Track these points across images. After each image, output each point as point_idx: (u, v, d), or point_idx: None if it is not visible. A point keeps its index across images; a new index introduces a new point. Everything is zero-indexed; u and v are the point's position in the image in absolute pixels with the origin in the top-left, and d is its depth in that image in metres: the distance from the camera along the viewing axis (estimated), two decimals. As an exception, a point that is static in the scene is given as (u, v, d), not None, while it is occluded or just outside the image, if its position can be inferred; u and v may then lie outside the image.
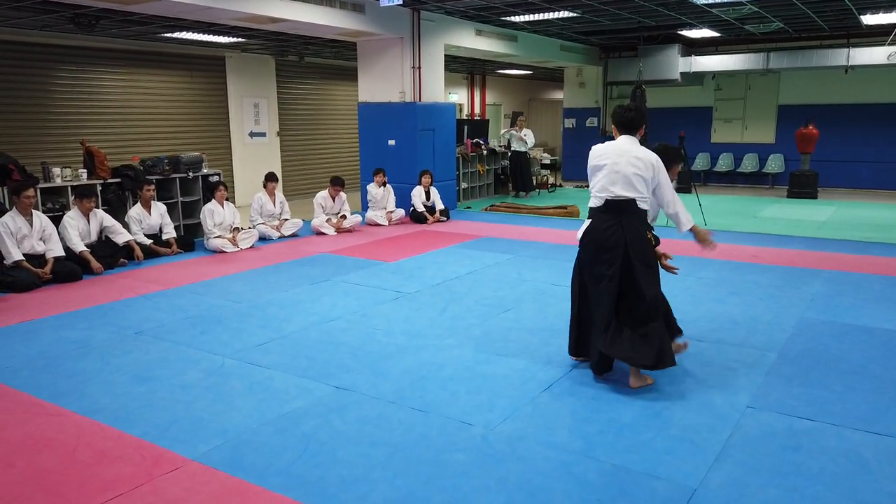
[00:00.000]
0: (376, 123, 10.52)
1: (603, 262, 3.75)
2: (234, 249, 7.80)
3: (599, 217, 3.81)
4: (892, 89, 13.36)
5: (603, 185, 3.77)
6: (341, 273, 6.68)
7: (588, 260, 3.88)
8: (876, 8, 10.26)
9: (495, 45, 11.84)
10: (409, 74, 10.16)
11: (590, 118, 16.30)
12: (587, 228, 3.88)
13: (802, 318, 5.04)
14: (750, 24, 11.85)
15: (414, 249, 7.85)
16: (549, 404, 3.60)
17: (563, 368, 4.09)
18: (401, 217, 9.84)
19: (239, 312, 5.35)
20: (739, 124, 15.26)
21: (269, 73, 12.87)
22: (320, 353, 4.42)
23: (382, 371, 4.08)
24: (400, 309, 5.42)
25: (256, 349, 4.49)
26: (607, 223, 3.75)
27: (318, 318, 5.19)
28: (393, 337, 4.72)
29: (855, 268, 6.71)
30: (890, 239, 8.32)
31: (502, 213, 10.86)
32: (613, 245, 3.71)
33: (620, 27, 12.30)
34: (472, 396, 3.70)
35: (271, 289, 6.08)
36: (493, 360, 4.27)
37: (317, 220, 8.93)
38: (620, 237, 3.71)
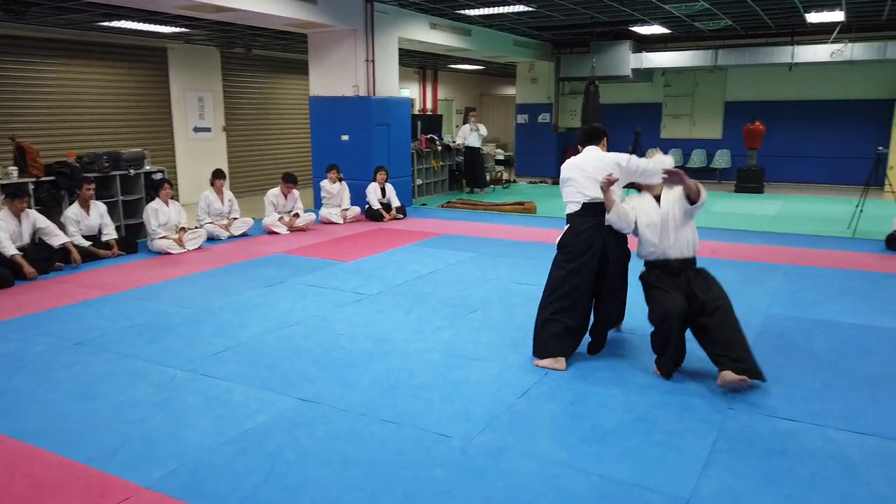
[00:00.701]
0: (329, 118, 10.19)
1: (581, 265, 3.96)
2: (181, 251, 7.39)
3: (578, 220, 4.02)
4: (834, 86, 13.78)
5: (577, 189, 4.02)
6: (297, 274, 6.38)
7: (569, 260, 4.00)
8: (820, 6, 10.51)
9: (449, 39, 11.65)
10: (362, 68, 9.87)
11: (542, 114, 16.28)
12: (568, 231, 4.05)
13: (768, 315, 5.03)
14: (700, 21, 12.00)
15: (372, 248, 7.61)
16: (528, 411, 3.44)
17: (538, 372, 3.94)
18: (356, 215, 9.55)
19: (189, 319, 5.02)
20: (688, 120, 15.51)
21: (215, 65, 12.35)
22: (281, 361, 4.15)
23: (349, 380, 3.85)
24: (362, 312, 5.18)
25: (211, 359, 4.19)
26: (587, 225, 3.98)
27: (276, 323, 4.91)
28: (357, 342, 4.49)
29: (811, 262, 6.80)
30: (839, 233, 8.51)
31: (459, 209, 10.69)
32: (592, 245, 3.95)
33: (574, 22, 12.28)
34: (446, 405, 3.51)
35: (224, 292, 5.75)
36: (465, 364, 4.08)
37: (268, 219, 8.57)
38: (599, 238, 3.96)
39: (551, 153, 16.25)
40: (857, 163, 13.72)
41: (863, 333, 4.58)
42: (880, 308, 5.17)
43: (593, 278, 3.99)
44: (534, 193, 12.85)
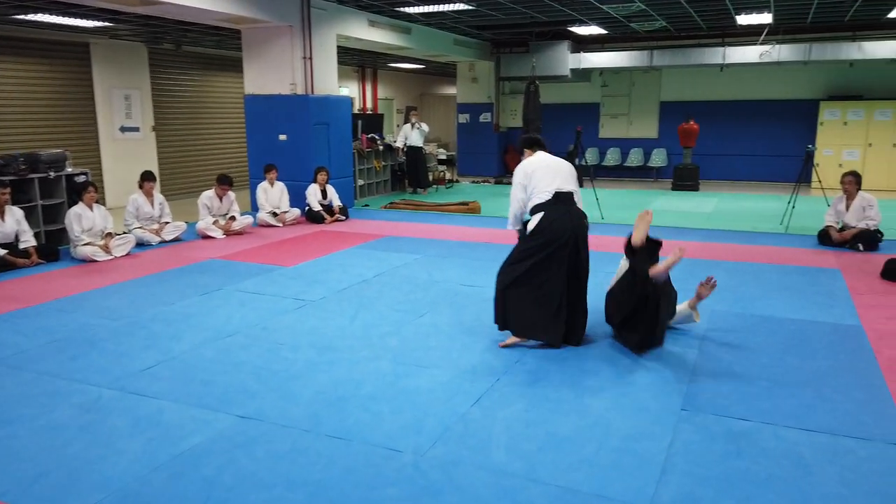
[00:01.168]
0: (265, 117, 9.85)
1: (556, 249, 4.13)
2: (108, 258, 6.96)
3: (551, 208, 4.19)
4: (763, 87, 14.26)
5: (548, 181, 4.23)
6: (234, 281, 6.09)
7: (541, 248, 4.16)
8: (750, 9, 10.82)
9: (389, 38, 11.47)
10: (300, 65, 9.57)
11: (483, 113, 16.27)
12: (542, 219, 4.18)
13: (714, 311, 5.07)
14: (636, 21, 12.19)
15: (313, 252, 7.36)
16: (481, 420, 3.32)
17: (490, 378, 3.83)
18: (296, 217, 9.26)
19: (117, 332, 4.68)
20: (625, 120, 15.79)
21: (142, 62, 11.79)
22: (218, 375, 3.90)
23: (292, 393, 3.64)
24: (305, 319, 4.95)
25: (141, 375, 3.90)
26: (559, 213, 4.18)
27: (212, 333, 4.63)
28: (300, 352, 4.27)
29: (750, 258, 6.95)
30: (773, 229, 8.76)
31: (402, 210, 10.52)
32: (566, 232, 4.14)
33: (513, 22, 12.28)
34: (396, 417, 3.35)
35: (154, 302, 5.41)
36: (415, 372, 3.93)
37: (202, 223, 8.19)
38: (569, 226, 4.16)
39: (493, 153, 16.27)
40: (787, 160, 14.26)
41: (804, 329, 4.66)
42: (818, 303, 5.29)
43: (565, 271, 4.14)
44: (477, 193, 12.80)
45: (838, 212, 7.36)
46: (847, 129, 13.28)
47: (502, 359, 4.13)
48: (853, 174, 7.21)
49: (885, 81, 13.29)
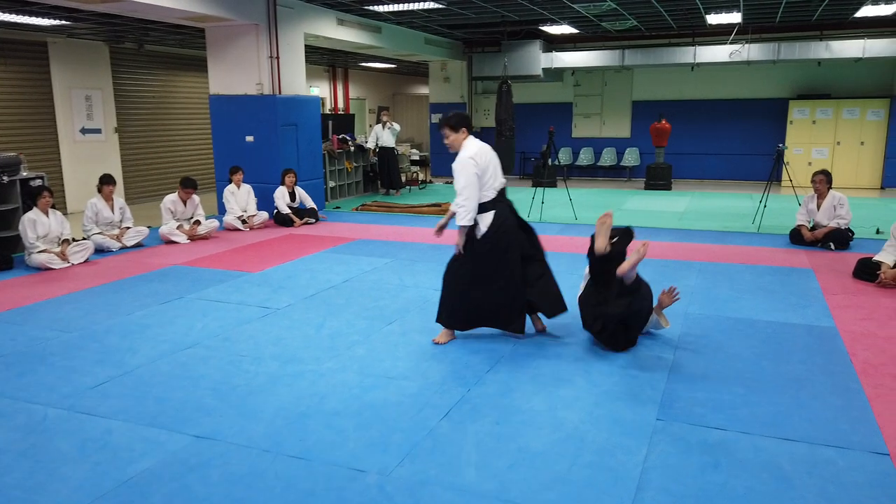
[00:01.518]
0: (231, 118, 9.59)
1: (510, 246, 4.27)
2: (64, 265, 6.68)
3: (499, 205, 4.27)
4: (734, 86, 14.34)
5: (496, 177, 4.29)
6: (197, 288, 5.86)
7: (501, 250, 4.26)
8: (719, 8, 10.84)
9: (359, 36, 11.27)
10: (266, 64, 9.33)
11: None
12: (494, 221, 4.24)
13: (688, 315, 4.99)
14: (607, 21, 12.15)
15: (281, 256, 7.15)
16: (450, 435, 3.17)
17: (461, 389, 3.69)
18: (264, 220, 9.02)
19: (69, 345, 4.45)
20: (598, 119, 15.77)
21: (103, 61, 11.43)
22: (173, 391, 3.70)
23: (252, 410, 3.46)
24: (269, 328, 4.76)
25: (91, 393, 3.68)
26: (505, 211, 4.30)
27: (170, 346, 4.42)
28: (263, 364, 4.08)
29: (722, 258, 6.91)
30: (745, 228, 8.76)
31: (374, 212, 10.34)
32: (512, 227, 4.31)
33: (484, 21, 12.16)
34: (361, 433, 3.19)
35: (111, 312, 5.18)
36: (382, 384, 3.77)
37: (166, 227, 7.93)
38: (514, 220, 4.36)
39: (466, 153, 16.10)
40: (757, 159, 14.38)
41: (779, 332, 4.60)
42: (791, 304, 5.25)
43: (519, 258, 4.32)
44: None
45: (809, 211, 7.36)
46: (816, 127, 13.41)
47: (473, 368, 3.99)
48: (824, 173, 7.21)
49: (852, 80, 13.45)
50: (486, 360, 4.12)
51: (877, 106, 12.99)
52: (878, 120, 13.01)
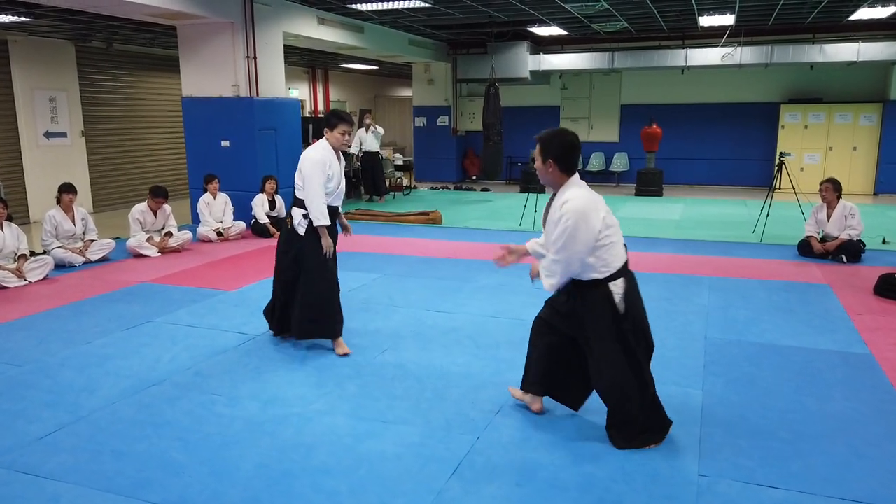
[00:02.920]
0: (206, 121, 9.02)
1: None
2: (20, 283, 6.09)
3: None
4: (724, 90, 14.06)
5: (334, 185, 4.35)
6: (167, 310, 5.32)
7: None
8: (713, 10, 10.51)
9: (340, 36, 10.76)
10: (242, 65, 8.78)
11: (441, 116, 15.68)
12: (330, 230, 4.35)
13: (708, 339, 4.57)
14: (597, 22, 11.78)
15: (259, 272, 6.61)
16: (463, 500, 2.70)
17: (469, 437, 3.21)
18: (240, 231, 8.48)
19: (15, 383, 3.90)
20: (586, 123, 15.40)
21: (68, 61, 10.78)
22: (135, 443, 3.17)
23: (226, 467, 2.95)
24: (247, 360, 4.25)
25: (37, 445, 3.15)
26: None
27: (134, 382, 3.89)
28: (240, 406, 3.57)
29: (730, 272, 6.52)
30: (746, 237, 8.40)
31: (359, 221, 9.81)
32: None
33: (471, 21, 11.72)
34: (356, 498, 2.70)
35: (67, 341, 4.62)
36: (379, 430, 3.29)
37: (134, 240, 7.35)
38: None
39: (451, 157, 15.71)
40: (747, 164, 14.13)
41: (811, 360, 4.19)
42: (816, 326, 4.85)
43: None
44: (437, 201, 12.19)
45: (819, 221, 7.02)
46: (808, 132, 13.18)
47: (479, 409, 3.52)
48: (831, 181, 6.86)
49: (844, 84, 13.24)
50: (493, 398, 3.65)
51: (869, 111, 12.78)
52: (871, 125, 12.80)
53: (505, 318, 5.07)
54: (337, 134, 4.23)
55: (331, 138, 4.25)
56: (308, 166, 4.19)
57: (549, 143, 2.98)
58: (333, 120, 4.25)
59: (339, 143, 4.28)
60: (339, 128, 4.22)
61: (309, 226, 4.28)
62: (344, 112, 4.35)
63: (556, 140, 2.99)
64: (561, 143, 2.98)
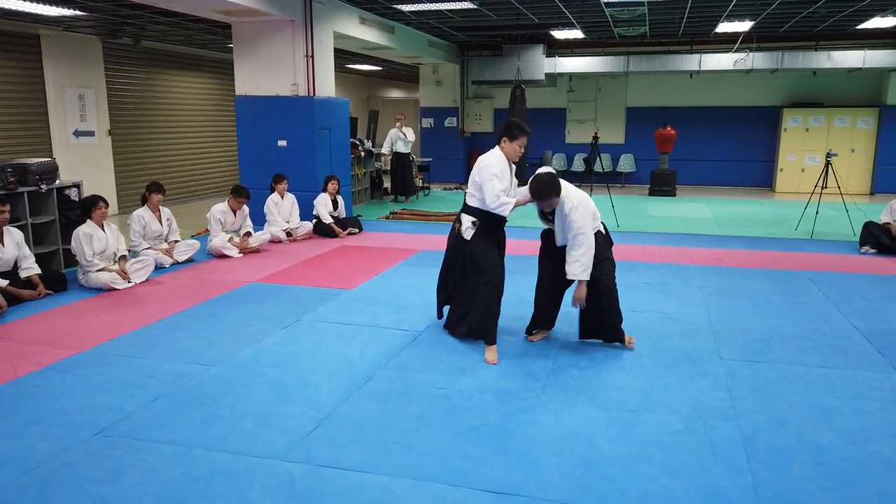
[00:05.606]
0: (261, 120, 8.88)
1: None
2: (127, 285, 5.89)
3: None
4: (728, 93, 14.65)
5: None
6: (306, 309, 5.26)
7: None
8: (733, 16, 10.94)
9: (376, 36, 10.75)
10: (301, 64, 8.69)
11: (448, 118, 15.78)
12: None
13: (870, 330, 4.84)
14: (621, 26, 12.11)
15: (359, 271, 6.58)
16: (774, 482, 2.83)
17: (729, 422, 3.34)
18: (308, 231, 8.37)
19: (224, 381, 3.81)
20: (591, 125, 15.74)
21: (96, 57, 10.40)
22: (415, 435, 3.18)
23: (531, 459, 3.00)
24: (437, 355, 4.26)
25: (318, 443, 3.12)
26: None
27: (348, 379, 3.86)
28: (480, 400, 3.60)
29: (816, 266, 6.85)
30: (792, 234, 8.80)
31: (409, 221, 9.82)
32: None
33: (500, 23, 11.87)
34: (673, 479, 2.80)
35: (235, 340, 4.52)
36: (631, 419, 3.38)
37: (217, 240, 7.18)
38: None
39: (459, 158, 15.82)
40: (750, 166, 14.78)
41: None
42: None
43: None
44: (452, 200, 12.26)
45: (893, 210, 7.46)
46: (809, 135, 13.88)
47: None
48: None
49: (843, 89, 13.99)
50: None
51: (867, 115, 13.56)
52: (868, 128, 13.59)
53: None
54: (516, 145, 4.21)
55: (508, 148, 4.22)
56: (487, 175, 4.14)
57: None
58: (516, 131, 4.20)
59: (515, 155, 4.26)
60: (519, 140, 4.20)
61: (476, 231, 4.28)
62: (525, 124, 4.30)
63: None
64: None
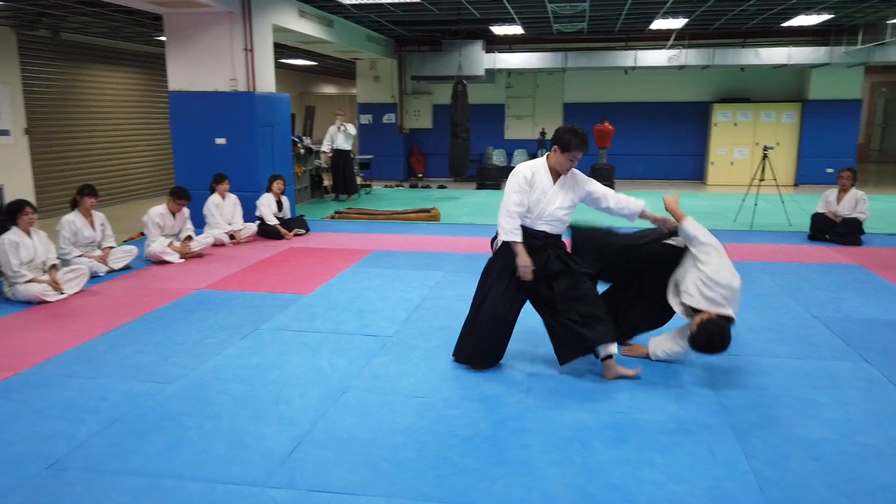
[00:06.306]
0: (197, 118, 8.42)
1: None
2: (60, 296, 5.42)
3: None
4: (661, 89, 14.99)
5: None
6: (262, 317, 4.96)
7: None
8: (670, 13, 11.20)
9: (315, 30, 10.39)
10: (241, 58, 8.28)
11: (387, 114, 15.53)
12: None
13: (820, 318, 4.96)
14: (561, 22, 12.18)
15: (313, 274, 6.30)
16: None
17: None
18: (252, 233, 7.99)
19: (186, 400, 3.51)
20: (530, 121, 15.86)
21: (10, 50, 9.60)
22: (402, 453, 2.99)
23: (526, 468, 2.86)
24: (412, 363, 4.09)
25: (289, 462, 2.88)
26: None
27: (323, 392, 3.63)
28: (467, 408, 3.45)
29: (769, 257, 7.04)
30: (732, 226, 9.03)
31: (356, 220, 9.54)
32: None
33: (441, 17, 11.72)
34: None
35: (193, 354, 4.20)
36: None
37: (156, 245, 6.73)
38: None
39: (399, 155, 15.60)
40: (682, 160, 15.19)
41: (920, 327, 4.68)
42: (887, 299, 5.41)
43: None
44: (405, 198, 12.06)
45: (828, 203, 7.73)
46: (737, 129, 14.38)
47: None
48: (851, 170, 7.61)
49: (769, 85, 14.56)
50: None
51: (791, 109, 14.17)
52: (792, 122, 14.20)
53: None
54: (566, 158, 3.69)
55: (555, 159, 3.73)
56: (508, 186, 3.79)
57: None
58: (572, 143, 3.64)
59: (562, 168, 3.76)
60: (572, 153, 3.66)
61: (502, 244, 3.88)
62: (586, 138, 3.72)
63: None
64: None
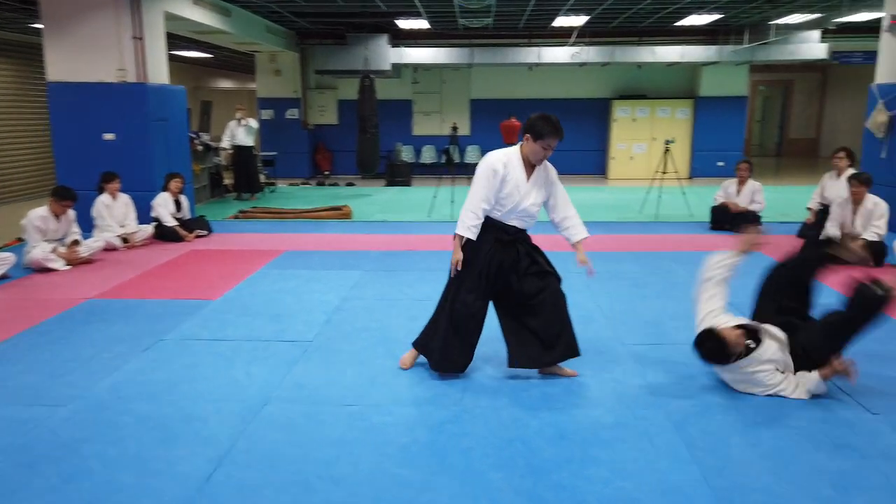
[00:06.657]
0: (82, 111, 7.71)
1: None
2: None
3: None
4: (564, 86, 15.33)
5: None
6: (165, 327, 4.54)
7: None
8: (569, 11, 11.39)
9: (210, 19, 9.81)
10: (129, 46, 7.65)
11: (290, 109, 14.98)
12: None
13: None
14: (467, 17, 12.14)
15: (219, 278, 5.88)
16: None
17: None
18: (148, 235, 7.40)
19: (80, 424, 3.11)
20: (438, 117, 15.78)
21: None
22: (343, 465, 2.76)
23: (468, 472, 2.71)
24: (326, 366, 3.84)
25: (216, 487, 2.59)
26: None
27: (242, 409, 3.32)
28: (391, 413, 3.25)
29: (676, 247, 7.26)
30: (638, 217, 9.29)
31: (261, 220, 9.07)
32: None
33: (347, 9, 11.38)
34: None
35: (88, 371, 3.75)
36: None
37: (37, 251, 6.06)
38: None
39: (304, 152, 15.10)
40: (583, 155, 15.61)
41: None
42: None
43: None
44: (313, 197, 11.65)
45: (728, 194, 8.06)
46: (636, 125, 14.92)
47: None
48: (748, 162, 7.97)
49: (665, 82, 15.19)
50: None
51: (684, 105, 14.85)
52: (685, 118, 14.89)
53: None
54: (539, 147, 3.45)
55: (528, 148, 3.49)
56: (476, 176, 3.51)
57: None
58: (545, 130, 3.41)
59: (536, 158, 3.52)
60: (546, 140, 3.43)
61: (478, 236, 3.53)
62: (559, 124, 3.47)
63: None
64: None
